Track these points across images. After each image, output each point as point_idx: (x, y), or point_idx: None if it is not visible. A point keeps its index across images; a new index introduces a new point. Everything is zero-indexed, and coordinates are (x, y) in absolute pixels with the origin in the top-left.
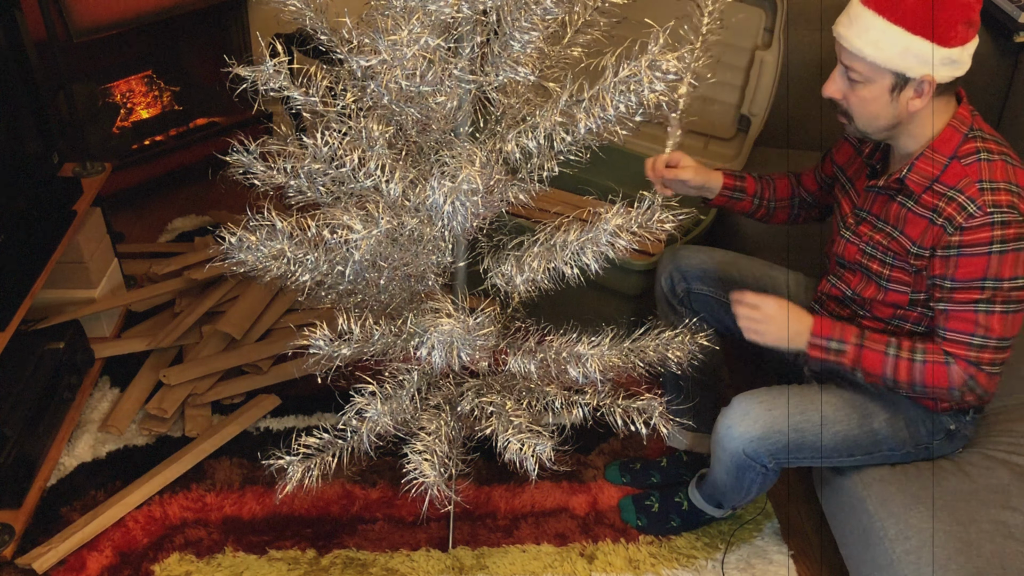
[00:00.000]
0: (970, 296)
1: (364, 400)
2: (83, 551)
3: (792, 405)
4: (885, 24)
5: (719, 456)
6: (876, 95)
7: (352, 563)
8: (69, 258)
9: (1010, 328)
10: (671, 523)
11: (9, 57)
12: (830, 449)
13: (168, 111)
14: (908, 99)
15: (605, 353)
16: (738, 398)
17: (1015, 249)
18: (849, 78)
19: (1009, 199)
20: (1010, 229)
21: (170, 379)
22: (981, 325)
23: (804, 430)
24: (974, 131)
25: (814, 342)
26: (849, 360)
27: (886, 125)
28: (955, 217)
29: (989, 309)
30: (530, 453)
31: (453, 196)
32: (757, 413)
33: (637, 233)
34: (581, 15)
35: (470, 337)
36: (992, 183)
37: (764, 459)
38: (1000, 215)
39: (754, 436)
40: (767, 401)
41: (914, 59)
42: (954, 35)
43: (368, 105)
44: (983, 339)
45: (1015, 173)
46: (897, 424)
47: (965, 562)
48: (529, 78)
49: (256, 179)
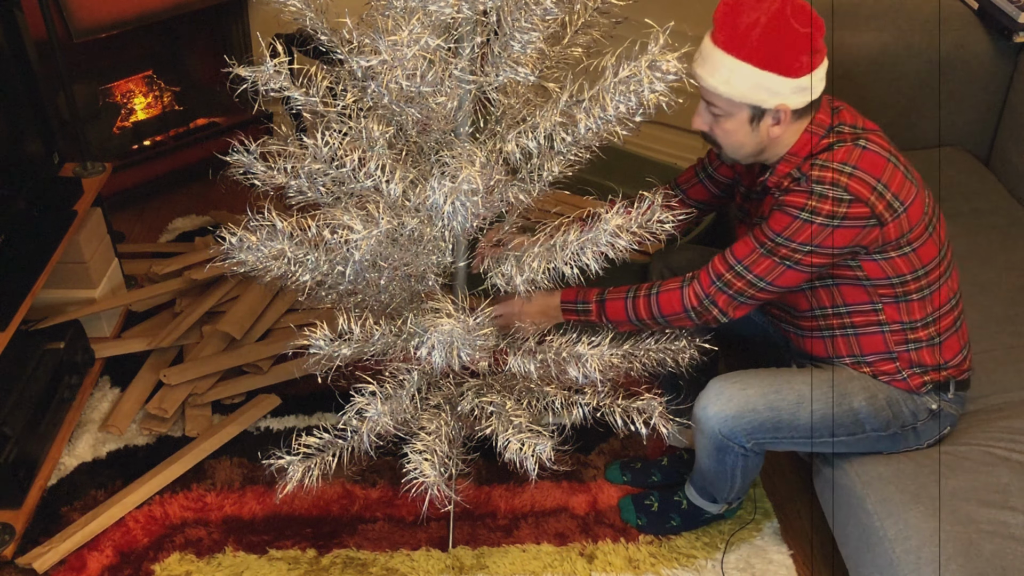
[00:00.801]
0: (762, 238)
1: (364, 400)
2: (83, 551)
3: (766, 384)
4: (734, 62)
5: (699, 441)
6: (737, 127)
7: (352, 563)
8: (69, 258)
9: (774, 277)
10: (671, 522)
11: (9, 57)
12: (808, 427)
13: (168, 111)
14: (768, 127)
15: (605, 353)
16: (714, 380)
17: (822, 224)
18: (712, 112)
19: (835, 177)
20: (825, 204)
21: (170, 379)
22: (751, 260)
23: (780, 408)
24: (832, 129)
25: (565, 307)
26: (595, 316)
27: (752, 152)
28: (788, 185)
29: (768, 255)
30: (530, 453)
31: (453, 196)
32: (731, 392)
33: (637, 233)
34: (581, 15)
35: (470, 337)
36: (825, 162)
37: (741, 439)
38: (820, 189)
39: (728, 415)
40: (741, 381)
41: (765, 92)
42: (799, 66)
43: (368, 105)
44: (744, 269)
45: (860, 156)
46: (877, 403)
47: (965, 562)
48: (529, 78)
49: (256, 179)
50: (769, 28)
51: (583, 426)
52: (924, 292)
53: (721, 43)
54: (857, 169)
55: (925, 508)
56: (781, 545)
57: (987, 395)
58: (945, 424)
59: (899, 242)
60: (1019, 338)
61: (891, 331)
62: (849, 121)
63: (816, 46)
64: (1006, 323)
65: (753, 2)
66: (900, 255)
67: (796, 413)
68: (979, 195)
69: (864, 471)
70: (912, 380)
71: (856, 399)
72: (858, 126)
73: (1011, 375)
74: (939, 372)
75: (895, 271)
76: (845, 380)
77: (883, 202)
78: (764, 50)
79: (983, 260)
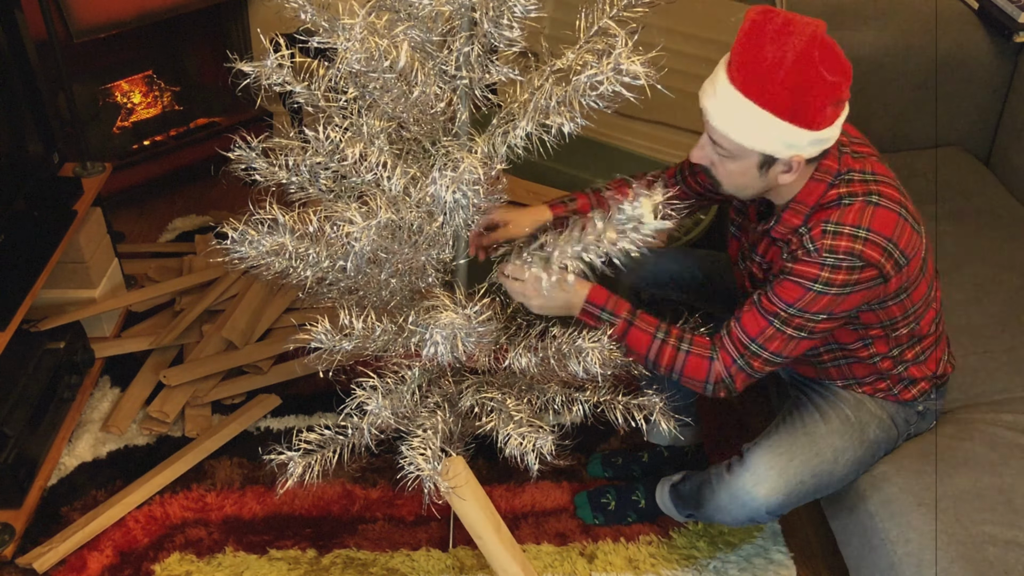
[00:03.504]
0: (774, 308)
1: (365, 394)
2: (84, 551)
3: (807, 450)
4: (752, 108)
5: (730, 510)
6: (743, 170)
7: (352, 563)
8: (69, 258)
9: (789, 350)
10: (627, 519)
11: (9, 57)
12: (841, 478)
13: (168, 111)
14: (777, 174)
15: (606, 347)
16: (753, 456)
17: (836, 294)
18: (717, 152)
19: (849, 246)
20: (839, 274)
21: (170, 380)
22: (766, 337)
23: (821, 472)
24: (840, 176)
25: (587, 308)
26: (617, 333)
27: (754, 194)
28: (796, 251)
29: (782, 328)
30: (530, 447)
31: (455, 186)
32: (778, 471)
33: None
34: (595, 21)
35: (471, 327)
36: (837, 226)
37: (785, 511)
38: (833, 259)
39: (779, 496)
40: (784, 454)
41: (782, 144)
42: (823, 119)
43: (370, 102)
44: (760, 348)
45: (872, 215)
46: (885, 424)
47: (967, 565)
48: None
49: (258, 175)
50: (794, 73)
51: (583, 425)
52: (911, 325)
53: (739, 84)
54: (871, 232)
55: (928, 510)
56: (781, 545)
57: (988, 395)
58: (931, 420)
59: (897, 292)
60: (1019, 338)
61: (881, 359)
62: (857, 167)
63: (841, 97)
64: (1006, 323)
65: (776, 34)
66: (896, 302)
67: (834, 470)
68: (979, 195)
69: (866, 472)
70: (903, 395)
71: (871, 430)
72: (867, 172)
73: (1011, 375)
74: (927, 382)
75: (888, 316)
76: (856, 410)
77: (891, 261)
78: (788, 99)
79: (983, 260)
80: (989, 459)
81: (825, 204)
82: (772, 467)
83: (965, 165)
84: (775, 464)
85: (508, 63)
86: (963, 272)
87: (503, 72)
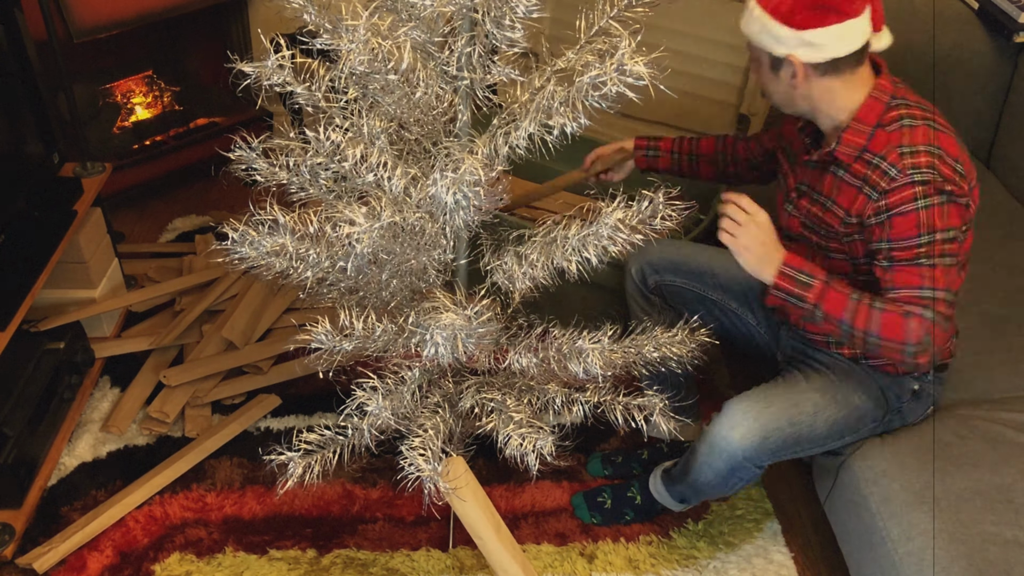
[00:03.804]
0: (910, 252)
1: (365, 394)
2: (84, 551)
3: (784, 399)
4: (754, 6)
5: (710, 462)
6: (763, 73)
7: (352, 563)
8: (69, 258)
9: (951, 281)
10: (625, 517)
11: (9, 57)
12: (824, 436)
13: (168, 111)
14: (788, 78)
15: (606, 348)
16: (729, 404)
17: (938, 203)
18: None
19: (929, 160)
20: (929, 187)
21: (170, 380)
22: (927, 276)
23: (800, 422)
24: (896, 99)
25: (785, 271)
26: (813, 296)
27: (781, 101)
28: (879, 183)
29: (930, 261)
30: (530, 448)
31: (455, 187)
32: (755, 412)
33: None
34: (596, 21)
35: (472, 327)
36: (912, 147)
37: (764, 459)
38: (919, 175)
39: (754, 439)
40: (760, 401)
41: (770, 38)
42: (802, 19)
43: (371, 103)
44: (932, 290)
45: (937, 136)
46: (873, 394)
47: (968, 565)
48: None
49: (258, 175)
50: None
51: (583, 425)
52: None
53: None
54: (944, 152)
55: (929, 508)
56: (781, 545)
57: (988, 394)
58: (927, 403)
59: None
60: (1019, 338)
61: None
62: (912, 99)
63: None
64: (1005, 323)
65: None
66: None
67: (813, 424)
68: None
69: (867, 469)
70: (892, 364)
71: (857, 395)
72: (923, 104)
73: (1011, 374)
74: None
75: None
76: (843, 377)
77: (965, 183)
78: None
79: (983, 260)
80: (990, 458)
81: (886, 124)
82: (747, 412)
83: None
84: (750, 409)
85: (509, 63)
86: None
87: (504, 72)
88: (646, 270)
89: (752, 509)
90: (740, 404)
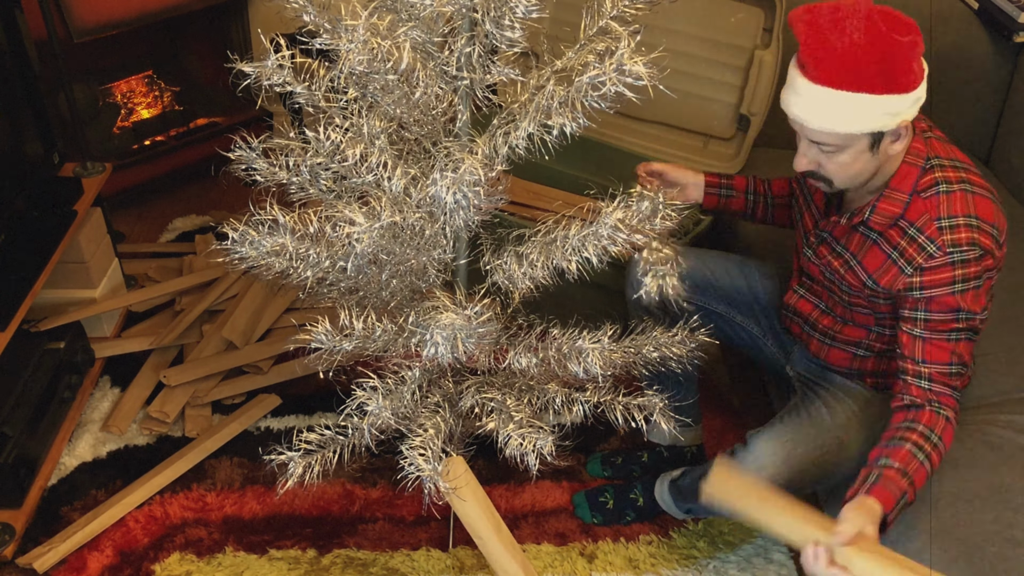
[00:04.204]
0: (946, 326)
1: (365, 394)
2: (84, 551)
3: (811, 441)
4: (847, 96)
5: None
6: (855, 157)
7: (352, 563)
8: (69, 258)
9: (969, 353)
10: (626, 518)
11: (9, 57)
12: (846, 472)
13: (168, 111)
14: (888, 145)
15: (606, 348)
16: (756, 440)
17: (975, 287)
18: (821, 150)
19: (969, 236)
20: (970, 267)
21: (170, 380)
22: (956, 354)
23: (825, 463)
24: (930, 160)
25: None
26: (911, 497)
27: (869, 177)
28: (915, 258)
29: (960, 337)
30: (531, 448)
31: (455, 187)
32: (783, 458)
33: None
34: (595, 22)
35: (471, 327)
36: (951, 219)
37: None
38: (959, 254)
39: (781, 483)
40: (788, 442)
41: (887, 116)
42: (914, 77)
43: (370, 103)
44: (959, 367)
45: (975, 203)
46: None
47: (968, 566)
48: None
49: (258, 175)
50: (871, 48)
51: (583, 425)
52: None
53: (825, 79)
54: (982, 221)
55: (928, 510)
56: (782, 545)
57: (988, 395)
58: None
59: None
60: (1019, 338)
61: None
62: (943, 154)
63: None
64: (1006, 323)
65: (833, 23)
66: None
67: (838, 463)
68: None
69: None
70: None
71: (879, 425)
72: (955, 159)
73: (1011, 375)
74: None
75: None
76: (864, 406)
77: (1001, 250)
78: (877, 74)
79: None
80: (989, 459)
81: (922, 191)
82: (776, 453)
83: None
84: (779, 451)
85: (508, 63)
86: None
87: (504, 72)
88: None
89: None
90: (767, 444)
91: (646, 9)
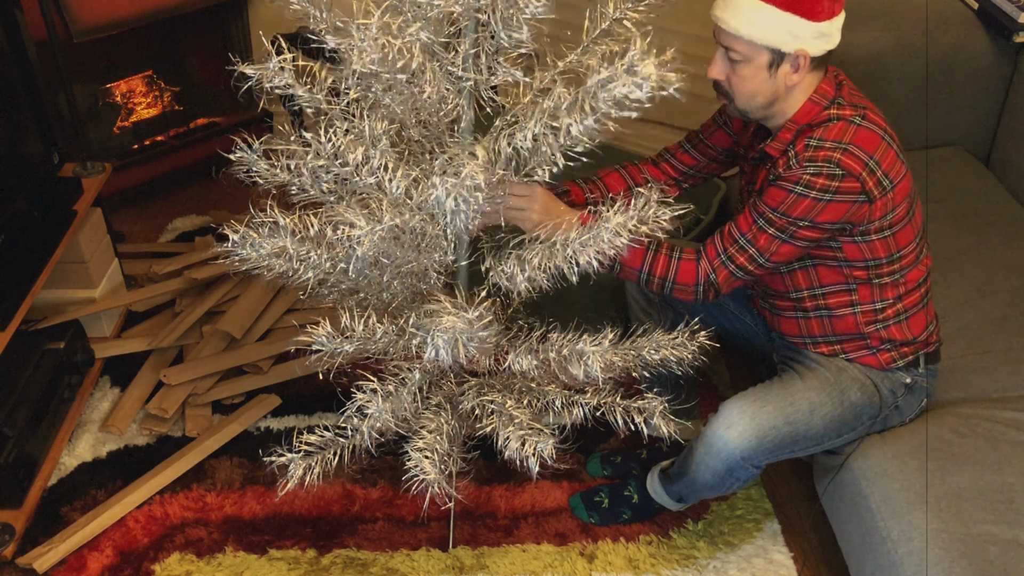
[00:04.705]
0: (760, 209)
1: (365, 397)
2: (84, 551)
3: (780, 398)
4: (757, 2)
5: (707, 462)
6: (755, 72)
7: (352, 563)
8: (69, 258)
9: (772, 252)
10: (622, 516)
11: (9, 57)
12: (821, 434)
13: (168, 111)
14: (785, 74)
15: (606, 350)
16: (726, 404)
17: (816, 198)
18: (730, 59)
19: (827, 155)
20: (818, 179)
21: (170, 379)
22: (753, 233)
23: (796, 420)
24: (834, 101)
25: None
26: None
27: (764, 102)
28: (780, 171)
29: (765, 227)
30: (531, 451)
31: (455, 192)
32: (752, 412)
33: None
34: (599, 23)
35: (472, 330)
36: (820, 141)
37: (760, 459)
38: (813, 167)
39: (751, 439)
40: (756, 401)
41: (787, 34)
42: (820, 9)
43: (371, 104)
44: (747, 243)
45: (855, 133)
46: (868, 390)
47: (969, 565)
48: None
49: (259, 176)
50: None
51: (583, 426)
52: (896, 276)
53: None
54: (851, 145)
55: (929, 508)
56: (781, 545)
57: (988, 393)
58: (921, 396)
59: (882, 223)
60: (1019, 338)
61: (862, 312)
62: (849, 99)
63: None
64: (1005, 323)
65: None
66: (880, 238)
67: (810, 422)
68: (979, 195)
69: (868, 469)
70: (882, 356)
71: (852, 392)
72: (859, 104)
73: (1011, 374)
74: (908, 346)
75: (872, 254)
76: (837, 374)
77: (873, 178)
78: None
79: (983, 260)
80: (990, 458)
81: (816, 123)
82: (743, 411)
83: (965, 165)
84: (746, 408)
85: (512, 64)
86: (962, 272)
87: (509, 73)
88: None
89: (752, 509)
90: (736, 404)
91: (647, 13)
